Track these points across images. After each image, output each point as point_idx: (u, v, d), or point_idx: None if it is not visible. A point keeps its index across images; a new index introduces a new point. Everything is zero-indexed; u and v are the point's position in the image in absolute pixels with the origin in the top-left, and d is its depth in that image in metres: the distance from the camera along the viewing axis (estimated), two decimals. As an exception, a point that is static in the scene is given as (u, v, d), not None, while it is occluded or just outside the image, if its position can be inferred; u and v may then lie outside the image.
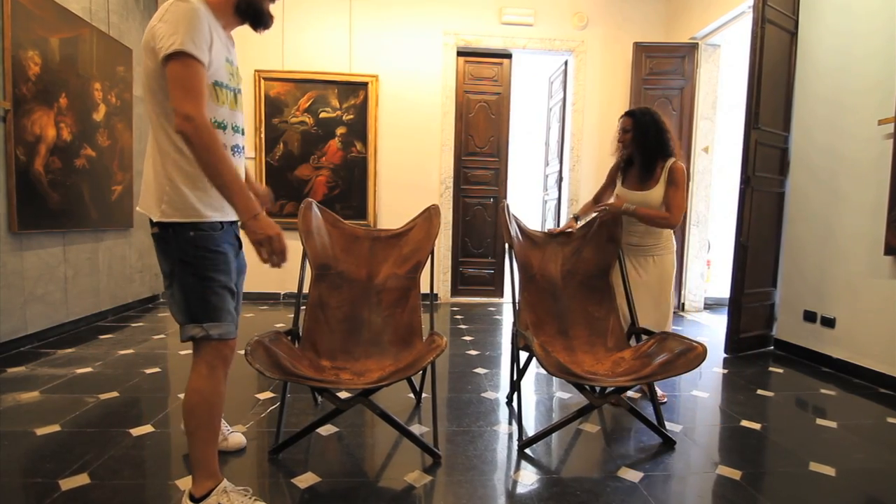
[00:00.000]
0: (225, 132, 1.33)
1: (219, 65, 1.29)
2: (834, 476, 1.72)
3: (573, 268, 2.33)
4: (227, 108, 1.34)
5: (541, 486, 1.62)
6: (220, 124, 1.32)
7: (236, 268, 1.43)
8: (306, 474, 1.63)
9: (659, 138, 2.21)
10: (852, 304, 2.86)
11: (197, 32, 1.19)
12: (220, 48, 1.29)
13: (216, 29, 1.28)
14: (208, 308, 1.31)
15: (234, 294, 1.38)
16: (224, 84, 1.32)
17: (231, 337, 1.37)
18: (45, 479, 1.56)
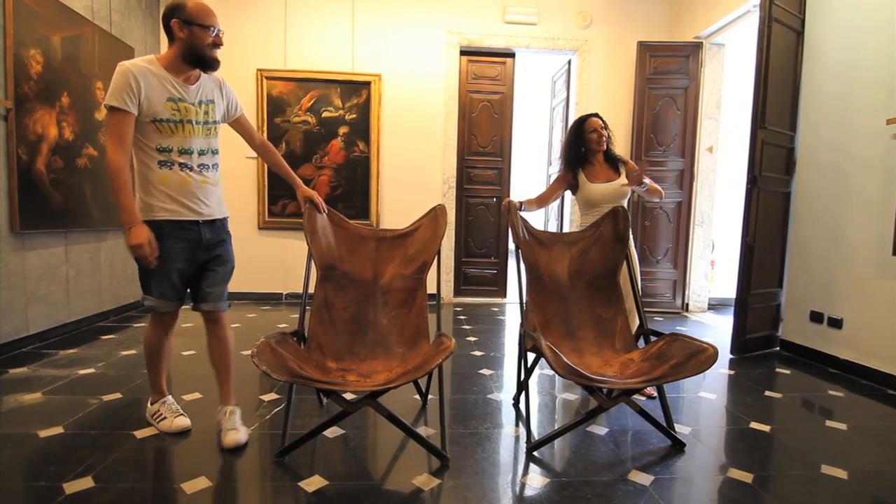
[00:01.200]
0: (170, 154, 1.74)
1: (155, 106, 1.68)
2: (846, 479, 1.70)
3: (580, 268, 2.31)
4: (176, 137, 1.73)
5: (550, 489, 1.60)
6: (164, 149, 1.73)
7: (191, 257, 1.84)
8: (313, 477, 1.61)
9: None
10: (860, 305, 2.84)
11: (120, 88, 1.61)
12: (156, 93, 1.68)
13: (154, 79, 1.68)
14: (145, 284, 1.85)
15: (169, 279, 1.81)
16: (163, 119, 1.70)
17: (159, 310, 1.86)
18: (48, 482, 1.54)
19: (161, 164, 1.73)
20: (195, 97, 1.77)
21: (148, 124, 1.69)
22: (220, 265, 1.89)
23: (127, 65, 1.64)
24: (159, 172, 1.73)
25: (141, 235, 1.65)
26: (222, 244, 1.90)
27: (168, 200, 1.74)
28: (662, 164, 4.49)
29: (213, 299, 1.89)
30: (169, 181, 1.74)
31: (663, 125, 4.46)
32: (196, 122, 1.77)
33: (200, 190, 1.80)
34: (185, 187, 1.76)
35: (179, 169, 1.75)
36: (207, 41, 1.71)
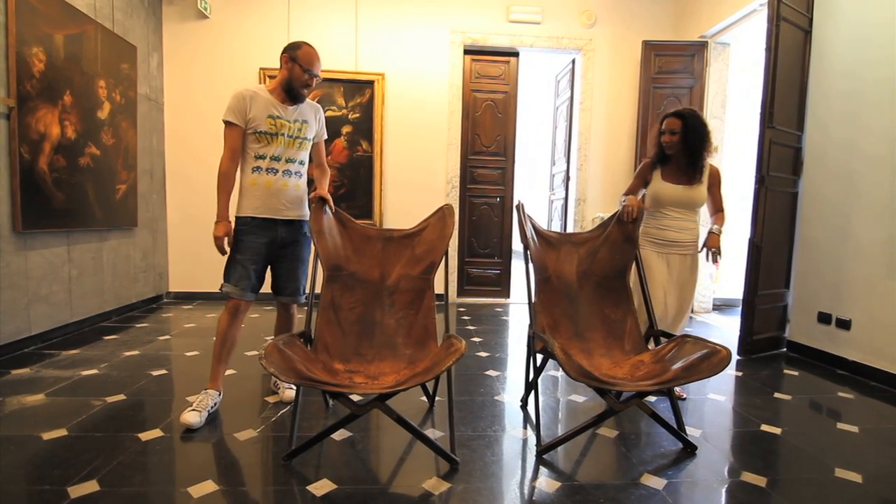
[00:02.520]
0: (264, 160, 2.10)
1: (259, 121, 2.06)
2: (861, 483, 1.68)
3: (589, 269, 2.28)
4: (271, 146, 2.09)
5: (562, 493, 1.58)
6: (259, 156, 2.09)
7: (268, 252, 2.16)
8: (321, 481, 1.59)
9: (706, 139, 2.31)
10: (869, 306, 2.82)
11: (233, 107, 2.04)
12: (260, 111, 2.06)
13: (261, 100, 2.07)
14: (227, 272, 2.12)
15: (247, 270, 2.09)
16: (263, 132, 2.07)
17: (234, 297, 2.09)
18: (53, 486, 1.52)
19: (255, 169, 2.08)
20: (292, 116, 2.12)
21: (251, 135, 2.07)
22: (291, 261, 2.18)
23: (240, 89, 2.07)
24: (251, 176, 2.09)
25: (220, 229, 2.01)
26: (295, 244, 2.19)
27: (254, 199, 2.08)
28: (667, 164, 4.46)
29: (289, 293, 2.21)
30: (258, 183, 2.08)
31: (668, 125, 4.43)
32: (289, 136, 2.11)
33: (283, 192, 2.11)
34: (270, 188, 2.09)
35: (267, 173, 2.09)
36: (302, 80, 2.07)
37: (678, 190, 2.35)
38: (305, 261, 2.25)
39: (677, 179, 2.36)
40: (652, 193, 2.41)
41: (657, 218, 2.41)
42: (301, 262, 2.22)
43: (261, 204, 2.08)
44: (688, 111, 2.33)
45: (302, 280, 2.24)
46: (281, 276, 2.19)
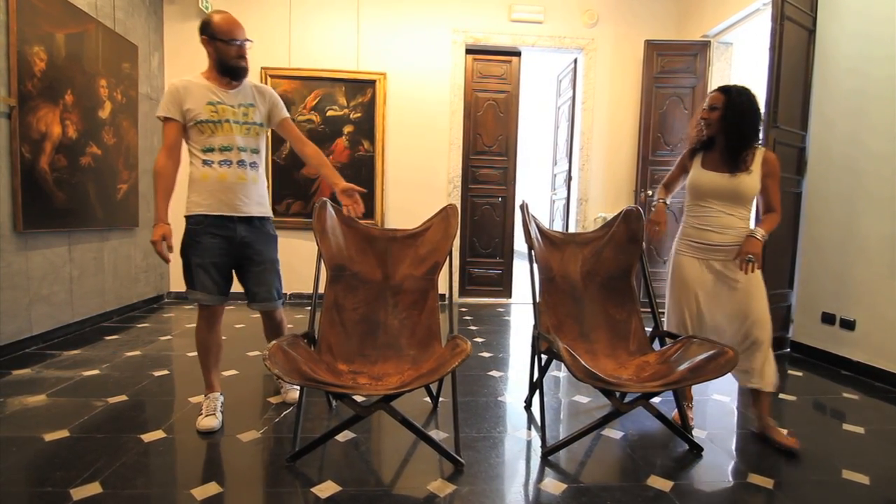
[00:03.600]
0: (213, 153, 1.91)
1: (197, 110, 1.87)
2: (869, 484, 1.67)
3: (593, 269, 2.27)
4: (217, 136, 1.90)
5: (568, 495, 1.56)
6: (208, 149, 1.91)
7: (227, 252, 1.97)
8: (326, 483, 1.58)
9: (754, 123, 1.92)
10: (873, 306, 2.80)
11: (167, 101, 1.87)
12: (197, 99, 1.88)
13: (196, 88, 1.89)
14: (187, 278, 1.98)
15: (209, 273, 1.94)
16: (204, 120, 1.88)
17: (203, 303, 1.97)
18: (55, 487, 1.51)
19: (206, 163, 1.90)
20: (235, 100, 1.94)
21: (193, 127, 1.89)
22: (258, 263, 2.00)
23: (174, 81, 1.91)
24: (201, 170, 1.90)
25: (156, 232, 1.82)
26: (258, 244, 2.00)
27: (206, 196, 1.90)
28: (669, 164, 4.44)
29: (261, 298, 2.02)
30: (209, 178, 1.90)
31: (670, 124, 4.42)
32: (235, 122, 1.92)
33: (238, 186, 1.93)
34: (223, 182, 1.90)
35: (219, 166, 1.90)
36: (231, 54, 1.88)
37: (719, 178, 1.94)
38: (274, 261, 2.06)
39: (719, 167, 1.96)
40: (689, 183, 2.04)
41: (696, 214, 2.02)
42: (268, 262, 2.03)
43: (214, 200, 1.90)
44: (735, 87, 1.94)
45: (275, 282, 2.05)
46: (249, 280, 2.02)
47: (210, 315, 1.98)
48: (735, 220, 1.96)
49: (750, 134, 1.92)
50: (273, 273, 2.05)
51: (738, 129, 1.90)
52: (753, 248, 1.87)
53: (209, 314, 1.98)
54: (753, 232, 1.90)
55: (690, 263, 2.03)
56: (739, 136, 1.91)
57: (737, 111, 1.90)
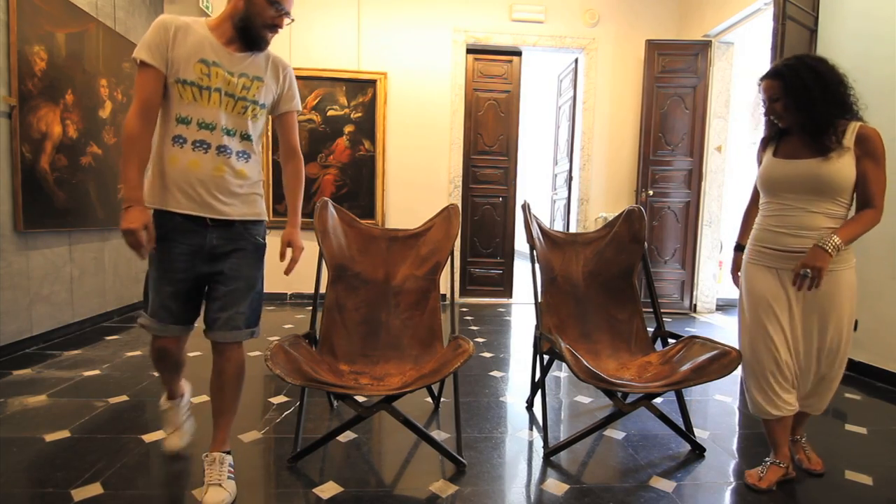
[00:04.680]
0: (188, 127, 1.42)
1: (183, 63, 1.40)
2: (871, 485, 1.67)
3: (595, 269, 2.27)
4: (193, 105, 1.42)
5: (571, 496, 1.56)
6: (182, 119, 1.42)
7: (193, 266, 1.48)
8: (327, 484, 1.57)
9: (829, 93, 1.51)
10: (875, 306, 2.80)
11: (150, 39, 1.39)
12: (188, 50, 1.41)
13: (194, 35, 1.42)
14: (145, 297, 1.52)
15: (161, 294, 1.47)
16: (189, 82, 1.41)
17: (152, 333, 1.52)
18: (56, 488, 1.50)
19: (176, 140, 1.42)
20: (237, 66, 1.46)
21: (172, 85, 1.41)
22: (230, 280, 1.48)
23: (164, 16, 1.42)
24: (171, 150, 1.42)
25: (135, 219, 1.33)
26: (235, 255, 1.49)
27: (170, 186, 1.42)
28: (670, 164, 4.45)
29: (219, 325, 1.47)
30: (176, 161, 1.42)
31: (671, 124, 4.42)
32: (227, 94, 1.45)
33: (215, 179, 1.43)
34: (194, 171, 1.42)
35: (192, 148, 1.42)
36: (265, 16, 1.42)
37: (793, 166, 1.55)
38: (253, 281, 1.53)
39: (796, 153, 1.57)
40: (760, 176, 1.67)
41: (769, 213, 1.63)
42: (242, 281, 1.50)
43: (181, 194, 1.41)
44: (785, 64, 1.56)
45: (246, 309, 1.51)
46: (213, 303, 1.49)
47: (162, 351, 1.53)
48: (818, 220, 1.52)
49: (827, 109, 1.50)
50: (247, 296, 1.51)
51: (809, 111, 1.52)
52: (814, 261, 1.45)
53: (160, 351, 1.53)
54: (823, 240, 1.46)
55: (762, 275, 1.61)
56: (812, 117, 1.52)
57: (800, 91, 1.52)
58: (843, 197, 1.53)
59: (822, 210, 1.52)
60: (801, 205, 1.55)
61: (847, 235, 1.47)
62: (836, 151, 1.50)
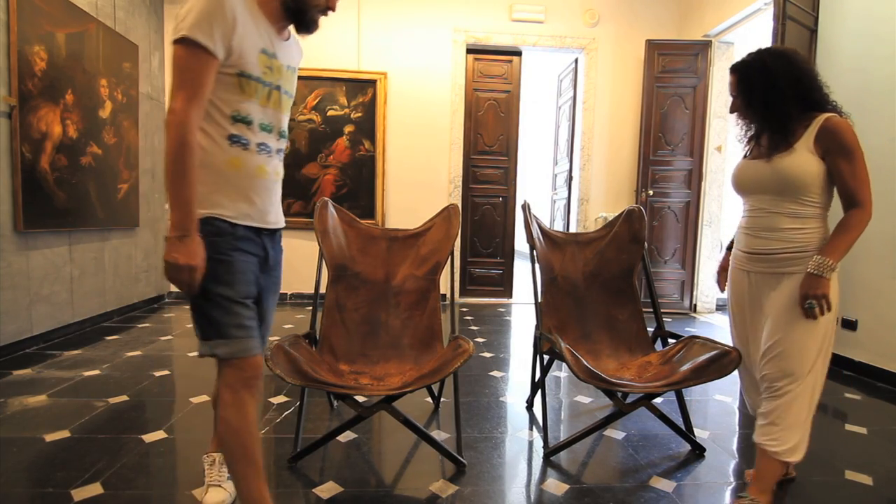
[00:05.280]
0: (250, 127, 1.21)
1: (245, 54, 1.16)
2: (872, 485, 1.67)
3: (595, 269, 2.27)
4: (255, 104, 1.21)
5: (571, 496, 1.56)
6: (242, 118, 1.19)
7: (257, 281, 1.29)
8: (328, 484, 1.57)
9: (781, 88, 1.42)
10: (875, 306, 2.80)
11: (211, 17, 1.08)
12: (250, 38, 1.17)
13: (249, 17, 1.17)
14: (211, 323, 1.17)
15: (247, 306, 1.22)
16: (253, 76, 1.19)
17: (245, 355, 1.18)
18: (56, 488, 1.50)
19: (233, 140, 1.19)
20: (287, 57, 1.30)
21: (231, 78, 1.16)
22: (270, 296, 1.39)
23: None
24: (230, 152, 1.18)
25: (196, 253, 1.10)
26: (279, 265, 1.41)
27: (237, 195, 1.21)
28: (670, 164, 4.45)
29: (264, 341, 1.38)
30: (243, 166, 1.20)
31: (671, 124, 4.42)
32: (285, 93, 1.30)
33: (272, 185, 1.31)
34: (260, 178, 1.25)
35: (257, 150, 1.23)
36: None
37: (753, 166, 1.50)
38: None
39: (762, 152, 1.51)
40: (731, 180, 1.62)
41: (742, 216, 1.60)
42: (278, 293, 1.44)
43: (246, 203, 1.22)
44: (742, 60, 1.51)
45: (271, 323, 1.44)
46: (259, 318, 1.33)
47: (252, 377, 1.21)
48: (781, 220, 1.44)
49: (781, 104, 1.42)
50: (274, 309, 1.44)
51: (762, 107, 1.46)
52: (813, 290, 1.35)
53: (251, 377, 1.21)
54: (815, 267, 1.36)
55: (737, 276, 1.60)
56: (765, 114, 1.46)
57: (749, 85, 1.47)
58: (807, 195, 1.42)
59: (784, 210, 1.45)
60: (764, 205, 1.49)
61: (837, 251, 1.37)
62: (793, 147, 1.42)
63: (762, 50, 1.49)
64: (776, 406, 1.41)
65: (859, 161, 1.39)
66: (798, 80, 1.42)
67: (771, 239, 1.47)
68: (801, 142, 1.41)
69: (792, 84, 1.42)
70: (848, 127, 1.39)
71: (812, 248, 1.41)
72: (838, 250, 1.37)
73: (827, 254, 1.37)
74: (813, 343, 1.41)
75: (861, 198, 1.39)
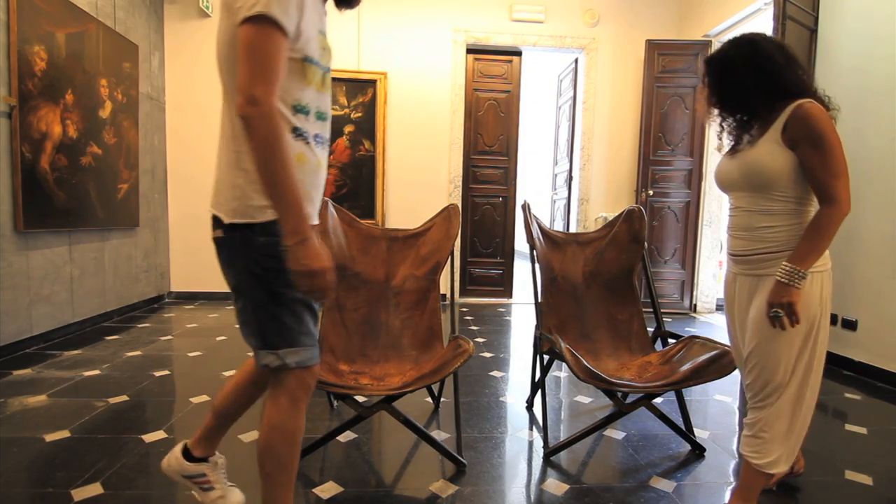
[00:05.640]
0: (307, 118, 1.09)
1: (310, 36, 1.05)
2: (871, 485, 1.67)
3: (595, 269, 2.27)
4: (313, 90, 1.09)
5: (571, 496, 1.56)
6: (301, 108, 1.07)
7: None
8: (328, 483, 1.57)
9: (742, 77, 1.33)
10: (875, 306, 2.80)
11: None
12: (313, 15, 1.04)
13: None
14: (283, 331, 1.09)
15: (313, 311, 1.14)
16: (314, 60, 1.07)
17: (312, 363, 1.14)
18: (56, 488, 1.50)
19: (297, 133, 1.07)
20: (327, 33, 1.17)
21: (296, 63, 1.04)
22: None
23: None
24: (295, 147, 1.06)
25: (323, 255, 1.01)
26: None
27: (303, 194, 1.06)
28: (670, 164, 4.45)
29: None
30: (307, 161, 1.10)
31: (671, 124, 4.42)
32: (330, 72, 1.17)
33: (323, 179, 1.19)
34: (319, 174, 1.15)
35: (315, 144, 1.12)
36: None
37: (726, 163, 1.44)
38: None
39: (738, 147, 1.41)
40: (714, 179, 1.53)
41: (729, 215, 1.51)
42: None
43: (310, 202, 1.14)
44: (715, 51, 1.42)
45: None
46: None
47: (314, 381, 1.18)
48: (756, 219, 1.36)
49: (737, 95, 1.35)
50: None
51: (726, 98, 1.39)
52: (779, 298, 1.25)
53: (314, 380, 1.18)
54: (782, 275, 1.25)
55: (727, 278, 1.52)
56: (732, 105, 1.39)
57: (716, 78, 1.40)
58: (777, 191, 1.32)
59: (757, 208, 1.36)
60: (740, 203, 1.41)
61: (805, 258, 1.25)
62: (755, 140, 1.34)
63: (731, 39, 1.39)
64: (759, 418, 1.35)
65: (832, 151, 1.26)
66: (761, 68, 1.31)
67: (748, 239, 1.38)
68: (769, 133, 1.31)
69: (754, 73, 1.32)
70: (821, 113, 1.27)
71: (790, 249, 1.31)
72: (807, 257, 1.25)
73: (794, 260, 1.25)
74: (789, 351, 1.31)
75: (833, 192, 1.26)
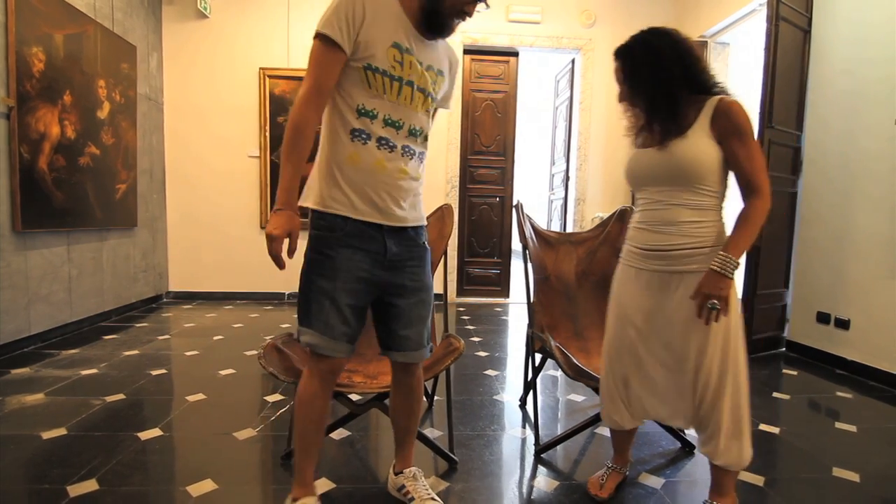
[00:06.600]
0: (373, 122, 1.23)
1: (375, 48, 1.20)
2: (858, 482, 1.69)
3: (588, 268, 2.29)
4: (386, 100, 1.24)
5: (560, 492, 1.58)
6: (366, 112, 1.23)
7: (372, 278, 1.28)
8: (320, 480, 1.59)
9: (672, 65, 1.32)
10: (867, 306, 2.82)
11: (339, 12, 1.18)
12: (382, 31, 1.21)
13: (386, 11, 1.22)
14: (306, 311, 1.27)
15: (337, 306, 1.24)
16: (379, 70, 1.21)
17: (320, 352, 1.25)
18: (52, 485, 1.52)
19: (355, 134, 1.23)
20: (427, 58, 1.29)
21: (357, 71, 1.21)
22: (411, 294, 1.34)
23: None
24: (349, 147, 1.23)
25: (279, 224, 1.16)
26: (413, 264, 1.35)
27: (352, 188, 1.24)
28: (667, 164, 4.47)
29: (412, 346, 1.36)
30: (360, 161, 1.23)
31: (667, 124, 4.43)
32: (419, 90, 1.28)
33: (396, 182, 1.27)
34: (379, 174, 1.25)
35: (376, 146, 1.24)
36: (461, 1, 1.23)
37: (645, 155, 1.40)
38: (431, 290, 1.41)
39: (652, 140, 1.39)
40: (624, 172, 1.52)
41: (637, 209, 1.47)
42: (424, 291, 1.38)
43: (360, 198, 1.24)
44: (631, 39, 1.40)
45: (428, 323, 1.41)
46: (393, 319, 1.34)
47: (329, 371, 1.29)
48: (680, 212, 1.33)
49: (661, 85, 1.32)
50: (429, 307, 1.40)
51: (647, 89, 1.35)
52: (716, 290, 1.24)
53: (328, 370, 1.28)
54: (717, 264, 1.25)
55: (626, 275, 1.48)
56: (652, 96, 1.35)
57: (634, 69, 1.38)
58: (703, 184, 1.31)
59: (682, 202, 1.33)
60: (661, 197, 1.37)
61: (739, 247, 1.26)
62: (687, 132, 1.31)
63: (644, 31, 1.39)
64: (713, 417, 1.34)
65: (755, 144, 1.29)
66: (683, 59, 1.32)
67: (670, 234, 1.34)
68: (697, 125, 1.31)
69: (678, 63, 1.31)
70: (742, 108, 1.30)
71: (711, 244, 1.31)
72: (741, 246, 1.26)
73: (730, 250, 1.25)
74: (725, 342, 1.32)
75: (759, 183, 1.28)
